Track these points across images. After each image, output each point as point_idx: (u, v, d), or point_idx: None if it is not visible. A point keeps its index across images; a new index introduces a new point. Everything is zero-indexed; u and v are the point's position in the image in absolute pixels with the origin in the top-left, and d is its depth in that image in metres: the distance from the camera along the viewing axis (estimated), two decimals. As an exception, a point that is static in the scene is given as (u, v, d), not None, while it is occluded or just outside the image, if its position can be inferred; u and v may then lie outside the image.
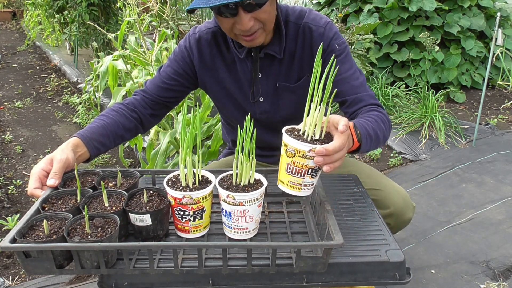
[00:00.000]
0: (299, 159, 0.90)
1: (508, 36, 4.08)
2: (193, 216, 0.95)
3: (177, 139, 2.25)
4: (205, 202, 0.96)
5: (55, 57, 5.90)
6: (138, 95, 1.36)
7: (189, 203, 0.93)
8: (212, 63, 1.32)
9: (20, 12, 9.80)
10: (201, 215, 0.96)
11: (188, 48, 1.32)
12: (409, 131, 3.27)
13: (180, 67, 1.33)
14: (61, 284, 1.86)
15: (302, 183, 0.93)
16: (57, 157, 1.06)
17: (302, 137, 0.92)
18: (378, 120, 1.17)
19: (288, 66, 1.29)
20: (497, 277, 1.87)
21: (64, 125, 3.80)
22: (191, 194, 0.93)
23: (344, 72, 1.25)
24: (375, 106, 1.25)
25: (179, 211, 0.95)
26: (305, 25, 1.25)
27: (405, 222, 1.33)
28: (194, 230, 0.98)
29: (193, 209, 0.94)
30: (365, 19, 3.99)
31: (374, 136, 1.11)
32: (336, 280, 0.94)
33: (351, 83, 1.26)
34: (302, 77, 1.30)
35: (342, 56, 1.26)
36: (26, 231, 0.88)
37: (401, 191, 1.34)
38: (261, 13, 1.11)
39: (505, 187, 2.60)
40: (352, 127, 1.03)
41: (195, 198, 0.93)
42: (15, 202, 2.52)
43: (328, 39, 1.24)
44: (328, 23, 1.26)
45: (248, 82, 1.32)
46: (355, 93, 1.25)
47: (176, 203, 0.94)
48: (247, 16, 1.09)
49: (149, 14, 3.16)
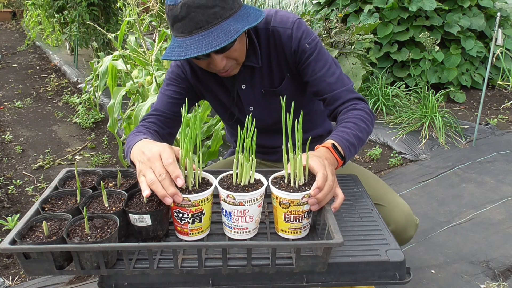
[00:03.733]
0: (294, 208, 0.94)
1: (508, 36, 4.08)
2: (192, 218, 0.94)
3: (177, 140, 2.25)
4: (204, 205, 0.94)
5: (55, 57, 5.90)
6: (151, 117, 1.33)
7: (187, 205, 0.92)
8: (204, 76, 1.34)
9: (20, 12, 9.81)
10: (200, 218, 0.95)
11: (180, 66, 1.33)
12: (409, 131, 3.27)
13: (179, 84, 1.34)
14: (61, 284, 1.86)
15: (301, 226, 0.97)
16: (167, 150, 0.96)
17: (291, 186, 0.96)
18: (357, 121, 1.20)
19: (268, 72, 1.31)
20: (497, 277, 1.87)
21: (64, 125, 3.80)
22: (190, 197, 0.91)
23: (318, 70, 1.26)
24: (354, 101, 1.26)
25: (178, 213, 0.94)
26: (274, 29, 1.26)
27: (405, 240, 1.32)
28: (193, 232, 0.97)
29: (191, 212, 0.93)
30: (365, 19, 3.99)
31: (357, 141, 1.17)
32: (336, 280, 0.94)
33: (327, 80, 1.27)
34: (284, 78, 1.32)
35: (315, 55, 1.26)
36: (26, 232, 0.88)
37: (404, 208, 1.32)
38: (232, 52, 1.16)
39: (505, 187, 2.60)
40: (331, 148, 1.10)
41: (194, 201, 0.92)
42: (15, 202, 2.52)
43: (297, 40, 1.25)
44: (295, 23, 1.25)
45: (235, 94, 1.34)
46: (332, 90, 1.27)
47: (175, 205, 0.93)
48: (219, 57, 1.14)
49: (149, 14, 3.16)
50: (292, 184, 0.97)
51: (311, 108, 1.45)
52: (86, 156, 3.17)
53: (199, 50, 1.06)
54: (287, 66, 1.30)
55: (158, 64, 2.76)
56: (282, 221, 0.97)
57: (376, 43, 4.02)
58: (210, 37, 1.06)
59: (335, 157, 1.10)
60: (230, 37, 1.05)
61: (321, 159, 1.01)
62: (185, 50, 1.08)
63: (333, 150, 1.11)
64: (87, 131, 3.63)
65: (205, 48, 1.06)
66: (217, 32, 1.06)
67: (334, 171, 1.04)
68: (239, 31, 1.06)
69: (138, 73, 2.72)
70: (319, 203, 0.94)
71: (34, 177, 2.85)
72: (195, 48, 1.07)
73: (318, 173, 0.95)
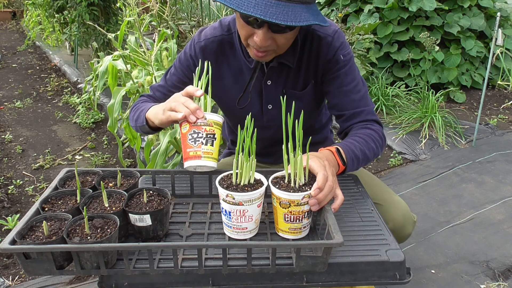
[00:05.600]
0: (295, 208, 0.94)
1: (508, 36, 4.08)
2: (205, 139, 1.02)
3: (177, 139, 2.25)
4: (216, 128, 1.04)
5: (55, 57, 5.90)
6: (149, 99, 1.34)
7: (203, 124, 1.02)
8: (218, 71, 1.31)
9: (20, 12, 9.81)
10: (212, 141, 1.03)
11: (193, 57, 1.30)
12: (409, 131, 3.27)
13: (185, 75, 1.33)
14: (61, 284, 1.86)
15: (301, 226, 0.98)
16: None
17: (291, 187, 0.96)
18: (368, 139, 1.20)
19: (296, 73, 1.28)
20: (497, 277, 1.87)
21: (64, 125, 3.80)
22: (206, 115, 1.03)
23: (346, 84, 1.25)
24: (370, 122, 1.26)
25: (193, 134, 1.02)
26: (314, 32, 1.24)
27: (404, 238, 1.32)
28: (205, 155, 1.03)
29: (206, 131, 1.02)
30: (365, 19, 3.99)
31: (362, 156, 1.17)
32: (336, 280, 0.94)
33: (351, 96, 1.26)
34: (308, 84, 1.30)
35: (346, 68, 1.25)
36: (26, 232, 0.88)
37: (401, 206, 1.31)
38: (282, 38, 1.11)
39: (505, 187, 2.60)
40: (335, 151, 1.12)
41: (209, 120, 1.03)
42: (15, 202, 2.52)
43: (334, 49, 1.23)
44: (336, 32, 1.24)
45: (256, 90, 1.31)
46: (354, 107, 1.26)
47: (191, 126, 1.03)
48: (269, 34, 1.08)
49: (149, 14, 3.16)
50: (293, 184, 0.97)
51: (316, 118, 1.44)
52: (86, 156, 3.17)
53: (263, 14, 0.97)
54: (315, 72, 1.27)
55: (158, 64, 2.76)
56: (282, 221, 0.97)
57: (376, 43, 4.02)
58: (278, 8, 0.99)
59: (337, 160, 1.10)
60: (298, 21, 0.99)
61: (322, 159, 1.01)
62: (247, 5, 0.99)
63: (337, 154, 1.11)
64: (87, 131, 3.63)
65: (269, 16, 0.97)
66: (288, 9, 0.99)
67: (335, 172, 1.04)
68: (309, 20, 1.01)
69: (138, 73, 2.72)
70: (319, 203, 0.94)
71: (34, 177, 2.85)
72: (259, 10, 0.98)
73: (319, 173, 0.95)
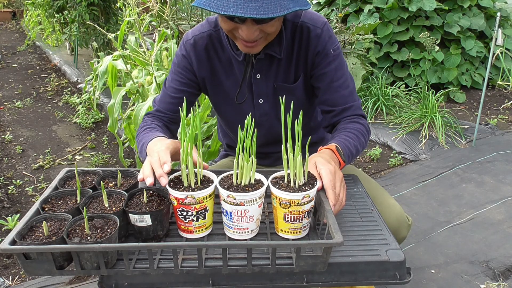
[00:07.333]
0: (295, 208, 0.94)
1: (508, 36, 4.08)
2: (196, 216, 0.95)
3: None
4: (207, 201, 0.96)
5: (55, 57, 5.90)
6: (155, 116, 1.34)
7: (192, 203, 0.93)
8: (210, 66, 1.31)
9: (20, 12, 9.81)
10: (204, 215, 0.96)
11: (186, 56, 1.30)
12: (409, 131, 3.27)
13: (184, 76, 1.32)
14: (61, 284, 1.86)
15: (301, 226, 0.98)
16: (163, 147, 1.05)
17: (291, 187, 0.96)
18: (358, 134, 1.23)
19: (286, 66, 1.28)
20: (497, 277, 1.87)
21: (64, 125, 3.80)
22: (194, 194, 0.93)
23: (336, 80, 1.26)
24: (358, 117, 1.28)
25: (182, 212, 0.95)
26: (303, 24, 1.23)
27: (398, 241, 1.31)
28: (197, 230, 0.98)
29: (196, 209, 0.94)
30: (365, 19, 3.99)
31: (355, 152, 1.21)
32: (336, 279, 0.94)
33: (341, 92, 1.26)
34: (299, 77, 1.30)
35: (336, 63, 1.25)
36: (26, 233, 0.88)
37: (396, 210, 1.30)
38: (268, 27, 1.09)
39: (505, 187, 2.60)
40: (335, 150, 1.14)
41: (198, 198, 0.93)
42: (15, 202, 2.52)
43: (324, 41, 1.23)
44: (326, 24, 1.24)
45: (246, 84, 1.30)
46: (343, 103, 1.27)
47: (178, 204, 0.94)
48: (254, 27, 1.07)
49: (149, 14, 3.16)
50: (292, 184, 0.97)
51: (311, 114, 1.44)
52: (86, 156, 3.17)
53: (243, 12, 0.97)
54: (304, 65, 1.27)
55: (158, 64, 2.76)
56: (282, 221, 0.97)
57: (376, 43, 4.02)
58: (257, 2, 0.98)
59: (339, 159, 1.13)
60: (279, 11, 0.98)
61: (331, 166, 1.03)
62: (226, 6, 0.98)
63: (337, 153, 1.13)
64: (87, 131, 3.63)
65: (250, 12, 0.97)
66: (266, 1, 0.98)
67: (343, 178, 1.07)
68: (289, 8, 0.99)
69: (138, 73, 2.72)
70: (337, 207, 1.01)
71: (34, 177, 2.85)
72: (239, 7, 0.97)
73: (328, 190, 1.00)
